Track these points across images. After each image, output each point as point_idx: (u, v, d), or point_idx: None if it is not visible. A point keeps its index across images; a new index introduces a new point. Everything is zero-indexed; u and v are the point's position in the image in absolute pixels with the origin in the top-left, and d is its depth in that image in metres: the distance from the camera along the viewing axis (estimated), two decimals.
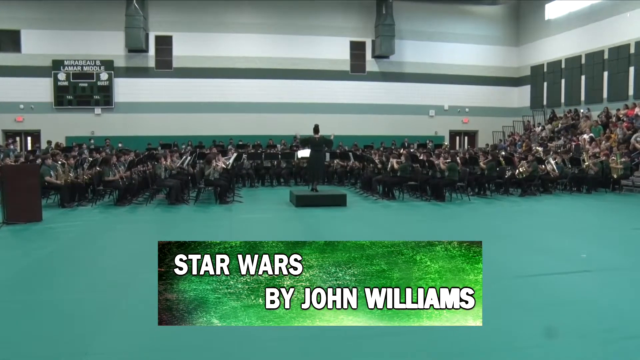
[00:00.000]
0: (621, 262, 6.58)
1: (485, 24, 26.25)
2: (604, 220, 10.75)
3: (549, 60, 24.53)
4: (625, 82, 20.34)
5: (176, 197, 12.29)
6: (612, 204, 13.11)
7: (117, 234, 8.91)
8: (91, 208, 11.63)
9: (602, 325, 4.24)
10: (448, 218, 10.80)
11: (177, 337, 4.02)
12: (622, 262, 6.55)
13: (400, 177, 13.53)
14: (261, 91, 23.72)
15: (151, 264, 6.42)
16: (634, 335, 4.06)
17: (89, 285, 5.48)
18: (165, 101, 22.97)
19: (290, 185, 17.33)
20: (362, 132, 23.90)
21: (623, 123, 18.36)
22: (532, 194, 14.35)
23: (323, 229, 9.37)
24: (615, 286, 5.46)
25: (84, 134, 21.69)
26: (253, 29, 23.67)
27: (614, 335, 4.07)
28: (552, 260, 6.71)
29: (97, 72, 22.40)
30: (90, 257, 6.93)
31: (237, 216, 10.67)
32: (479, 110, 26.07)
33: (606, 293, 5.19)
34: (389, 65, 25.12)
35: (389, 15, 24.23)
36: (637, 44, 19.75)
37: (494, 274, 5.96)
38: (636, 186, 15.37)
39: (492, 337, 4.02)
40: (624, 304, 4.81)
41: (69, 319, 4.46)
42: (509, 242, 8.07)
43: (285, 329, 3.09)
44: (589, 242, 7.98)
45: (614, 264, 6.49)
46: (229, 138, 22.00)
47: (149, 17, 22.84)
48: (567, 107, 22.97)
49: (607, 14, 21.14)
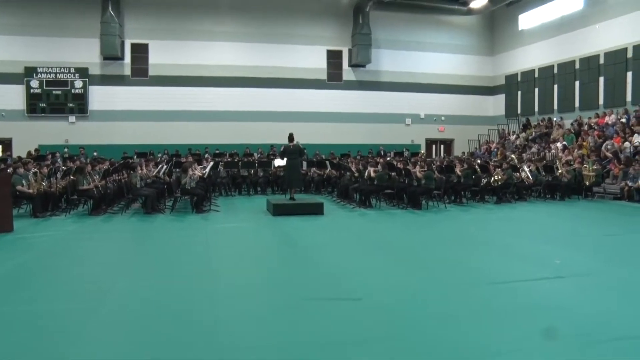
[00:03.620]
0: (594, 267, 6.69)
1: (461, 34, 26.62)
2: (577, 226, 10.93)
3: (523, 69, 24.97)
4: (595, 92, 20.79)
5: (152, 206, 12.16)
6: (585, 211, 13.35)
7: (91, 244, 8.76)
8: (65, 218, 11.43)
9: (577, 330, 4.29)
10: (425, 226, 10.86)
11: (155, 347, 3.97)
12: (594, 268, 6.66)
13: (377, 185, 13.59)
14: (238, 99, 23.65)
15: (127, 274, 6.37)
16: (609, 339, 4.11)
17: (63, 296, 5.38)
18: (141, 109, 22.75)
19: (267, 194, 17.27)
20: (339, 140, 23.98)
21: (594, 131, 18.74)
22: (507, 201, 14.54)
23: (300, 238, 9.35)
24: (589, 291, 5.55)
25: (58, 143, 21.31)
26: (230, 37, 23.63)
27: (589, 339, 4.12)
28: (527, 266, 6.79)
29: (71, 80, 22.10)
30: (64, 267, 6.81)
31: (213, 225, 10.58)
32: (454, 118, 26.37)
33: (580, 298, 5.27)
34: (366, 74, 25.29)
35: (365, 25, 24.43)
36: (606, 55, 20.22)
37: (470, 281, 6.01)
38: (607, 193, 15.66)
39: (468, 344, 4.04)
40: (598, 309, 4.88)
41: (43, 330, 4.35)
42: (485, 249, 8.15)
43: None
44: (562, 248, 8.10)
45: (587, 269, 6.59)
46: (205, 147, 21.85)
47: (125, 25, 22.64)
48: (541, 115, 23.38)
49: (577, 25, 21.62)
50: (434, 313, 4.79)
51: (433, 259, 7.39)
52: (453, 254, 7.76)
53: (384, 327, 4.45)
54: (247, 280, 6.18)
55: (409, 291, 5.54)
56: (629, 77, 19.25)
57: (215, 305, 5.06)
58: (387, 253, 7.89)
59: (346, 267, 6.84)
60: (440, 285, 5.80)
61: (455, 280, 6.04)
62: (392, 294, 5.42)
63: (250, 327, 4.46)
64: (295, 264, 7.19)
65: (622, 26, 19.46)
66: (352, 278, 6.19)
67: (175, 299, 5.25)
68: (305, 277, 6.30)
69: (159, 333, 4.30)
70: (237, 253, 8.04)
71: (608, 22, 20.15)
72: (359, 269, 6.67)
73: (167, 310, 4.87)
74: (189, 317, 4.68)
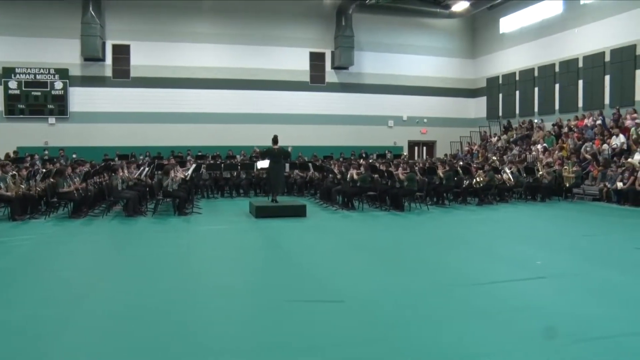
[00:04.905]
0: (574, 268, 6.78)
1: (443, 37, 26.80)
2: (557, 227, 11.06)
3: (504, 72, 25.21)
4: (574, 94, 21.06)
5: (133, 208, 12.04)
6: (565, 212, 13.53)
7: (71, 247, 8.65)
8: (44, 221, 11.27)
9: (557, 330, 4.33)
10: (407, 227, 10.91)
11: (135, 351, 3.93)
12: (574, 268, 6.75)
13: (359, 187, 13.62)
14: (220, 102, 23.53)
15: (107, 277, 6.30)
16: (589, 339, 4.17)
17: (42, 301, 5.29)
18: (123, 111, 22.52)
19: (249, 196, 17.20)
20: (321, 142, 23.98)
21: (574, 133, 18.99)
22: (489, 202, 14.66)
23: (283, 240, 9.33)
24: (569, 291, 5.62)
25: (37, 144, 20.99)
26: (212, 39, 23.51)
27: (569, 339, 4.17)
28: (509, 267, 6.86)
29: (51, 81, 21.81)
30: (44, 271, 6.71)
31: (195, 228, 10.53)
32: (437, 120, 26.52)
33: (561, 298, 5.33)
34: (348, 76, 25.34)
35: (348, 27, 24.49)
36: (584, 59, 20.51)
37: (452, 282, 6.05)
38: (587, 194, 15.88)
39: (450, 345, 4.06)
40: (578, 309, 4.94)
41: (22, 335, 4.29)
42: (467, 250, 8.21)
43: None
44: (543, 249, 8.19)
45: (568, 269, 6.67)
46: (187, 149, 21.72)
47: (106, 26, 22.40)
48: (522, 117, 23.64)
49: (557, 29, 21.90)
50: (417, 315, 4.81)
51: (415, 261, 7.42)
52: (435, 255, 7.81)
53: (367, 329, 4.46)
54: (229, 282, 6.15)
55: (392, 293, 5.56)
56: (607, 81, 19.54)
57: (198, 308, 5.03)
58: (370, 255, 7.91)
59: (329, 269, 6.84)
60: (423, 287, 5.83)
61: (437, 282, 6.07)
62: (375, 296, 5.44)
63: (232, 330, 4.45)
64: (277, 266, 7.17)
65: (600, 30, 19.75)
66: (334, 280, 6.19)
67: (156, 303, 5.20)
68: (287, 279, 6.29)
69: (139, 337, 4.26)
70: (220, 256, 8.00)
71: (586, 26, 20.43)
72: (341, 271, 6.68)
73: (149, 314, 4.83)
74: (171, 320, 4.65)
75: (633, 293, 5.59)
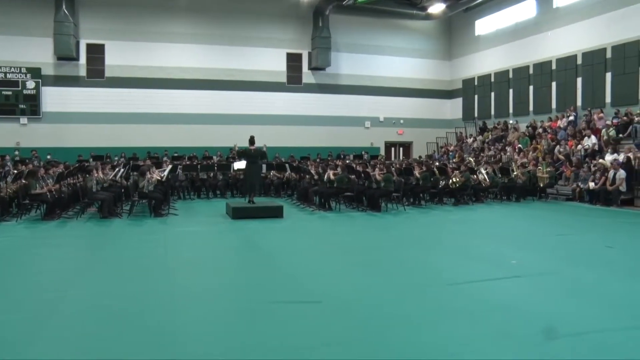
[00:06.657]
0: (548, 267, 6.88)
1: (419, 39, 27.01)
2: (532, 227, 11.22)
3: (480, 74, 25.50)
4: (548, 96, 21.41)
5: (108, 210, 11.86)
6: (539, 212, 13.74)
7: (44, 250, 8.48)
8: (16, 223, 11.03)
9: (533, 329, 4.39)
10: (384, 228, 10.96)
11: (109, 355, 3.87)
12: (549, 267, 6.84)
13: (336, 188, 13.63)
14: (196, 102, 23.36)
15: (81, 280, 6.20)
16: (563, 335, 4.23)
17: (14, 306, 5.17)
18: (97, 111, 22.21)
19: (226, 197, 17.10)
20: (298, 143, 23.98)
21: (548, 134, 19.30)
22: (465, 203, 14.81)
23: (260, 241, 9.29)
24: (544, 290, 5.70)
25: (8, 145, 20.57)
26: (188, 39, 23.34)
27: (544, 336, 4.22)
28: (485, 266, 6.93)
29: (22, 80, 21.39)
30: (16, 275, 6.57)
31: (172, 229, 10.42)
32: (413, 121, 26.71)
33: (536, 297, 5.40)
34: (325, 77, 25.38)
35: (325, 28, 24.53)
36: (557, 61, 20.86)
37: (428, 282, 6.10)
38: (560, 194, 16.15)
39: (427, 345, 4.09)
40: (553, 307, 5.02)
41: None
42: (443, 250, 8.28)
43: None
44: (518, 248, 8.31)
45: (542, 269, 6.77)
46: (163, 149, 21.53)
47: (80, 24, 22.07)
48: (497, 119, 23.94)
49: (530, 32, 22.25)
50: (394, 315, 4.82)
51: (392, 261, 7.45)
52: (412, 255, 7.86)
53: (344, 329, 4.46)
54: (206, 284, 6.11)
55: (369, 293, 5.57)
56: (579, 83, 19.90)
57: (175, 310, 4.97)
58: (347, 255, 7.92)
59: (306, 269, 6.83)
60: (400, 287, 5.85)
61: (414, 282, 6.11)
62: (352, 296, 5.45)
63: (210, 332, 4.40)
64: (255, 267, 7.14)
65: (572, 34, 20.12)
66: (312, 281, 6.19)
67: (132, 305, 5.13)
68: (265, 280, 6.27)
69: (115, 341, 4.19)
70: (197, 257, 7.93)
71: (559, 29, 20.80)
72: (318, 272, 6.68)
73: (125, 318, 4.75)
74: (147, 323, 4.58)
75: (605, 290, 5.70)
